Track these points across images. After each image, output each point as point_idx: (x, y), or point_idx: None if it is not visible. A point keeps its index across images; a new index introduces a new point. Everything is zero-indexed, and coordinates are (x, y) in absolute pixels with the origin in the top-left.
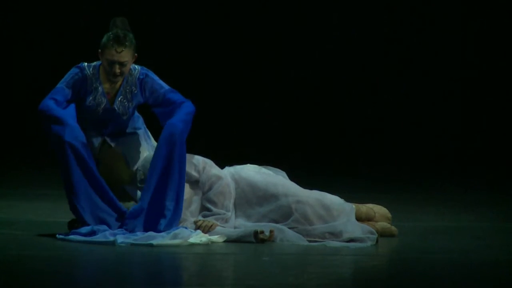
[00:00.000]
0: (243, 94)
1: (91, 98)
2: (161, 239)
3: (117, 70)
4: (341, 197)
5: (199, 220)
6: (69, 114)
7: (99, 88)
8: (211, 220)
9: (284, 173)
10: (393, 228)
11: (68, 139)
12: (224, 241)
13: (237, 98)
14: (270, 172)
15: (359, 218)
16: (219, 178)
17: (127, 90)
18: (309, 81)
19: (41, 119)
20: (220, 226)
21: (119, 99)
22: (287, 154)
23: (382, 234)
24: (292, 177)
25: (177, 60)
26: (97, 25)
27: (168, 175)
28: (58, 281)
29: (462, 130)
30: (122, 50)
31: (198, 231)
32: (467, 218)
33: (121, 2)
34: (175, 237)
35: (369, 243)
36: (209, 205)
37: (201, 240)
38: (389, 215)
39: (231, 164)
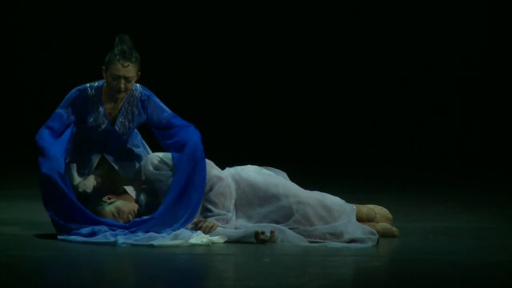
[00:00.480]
0: (242, 94)
1: (92, 119)
2: (161, 239)
3: (122, 85)
4: (341, 197)
5: (200, 220)
6: (58, 144)
7: (101, 109)
8: (211, 221)
9: (284, 174)
10: (394, 228)
11: (44, 171)
12: (225, 242)
13: (237, 98)
14: (271, 173)
15: (360, 219)
16: (219, 179)
17: (128, 111)
18: (309, 81)
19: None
20: (221, 226)
21: (120, 119)
22: (287, 154)
23: (383, 234)
24: (293, 178)
25: (177, 61)
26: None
27: (187, 191)
28: (59, 281)
29: (462, 130)
30: (129, 65)
31: (199, 231)
32: (467, 218)
33: (121, 7)
34: (175, 237)
35: (369, 244)
36: (209, 206)
37: (201, 241)
38: (390, 215)
39: (231, 164)
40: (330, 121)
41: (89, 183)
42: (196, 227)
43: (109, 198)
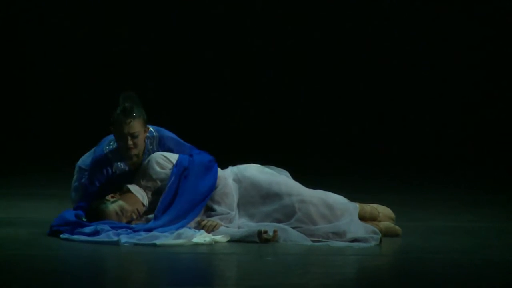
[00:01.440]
0: (243, 94)
1: (118, 175)
2: (164, 239)
3: (130, 142)
4: (344, 196)
5: (203, 219)
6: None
7: (123, 166)
8: (215, 220)
9: (287, 173)
10: (397, 227)
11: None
12: (228, 241)
13: (238, 98)
14: (274, 172)
15: (362, 218)
16: (222, 178)
17: None
18: (309, 81)
19: None
20: (224, 226)
21: None
22: (288, 154)
23: (386, 234)
24: (295, 177)
25: (177, 60)
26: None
27: (196, 206)
28: (61, 280)
29: (462, 130)
30: (131, 121)
31: (202, 231)
32: (468, 218)
33: (120, 7)
34: (178, 237)
35: (372, 243)
36: (213, 205)
37: (204, 240)
38: (393, 215)
39: (234, 163)
40: (330, 121)
41: None
42: (199, 226)
43: (112, 197)
